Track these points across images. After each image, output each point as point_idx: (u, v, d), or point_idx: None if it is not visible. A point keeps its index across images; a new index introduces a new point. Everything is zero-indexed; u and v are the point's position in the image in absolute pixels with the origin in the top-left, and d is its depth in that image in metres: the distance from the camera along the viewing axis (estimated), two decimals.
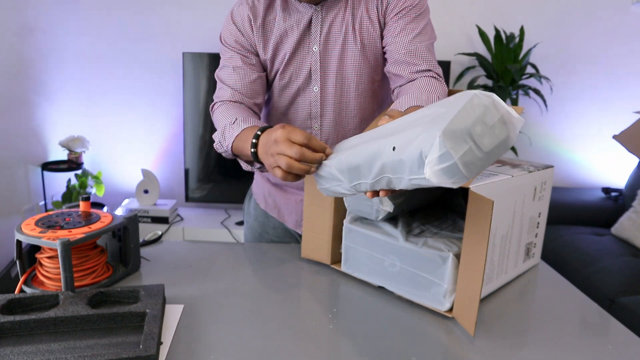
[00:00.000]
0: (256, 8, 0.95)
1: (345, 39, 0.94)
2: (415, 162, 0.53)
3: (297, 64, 0.96)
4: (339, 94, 0.97)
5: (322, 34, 0.93)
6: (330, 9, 0.93)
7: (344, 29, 0.93)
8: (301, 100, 0.99)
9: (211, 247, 1.02)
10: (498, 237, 0.77)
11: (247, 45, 0.97)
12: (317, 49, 0.94)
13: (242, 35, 0.96)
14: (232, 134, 0.86)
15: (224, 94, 0.96)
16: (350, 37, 0.93)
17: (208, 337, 0.68)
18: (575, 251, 2.03)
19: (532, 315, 0.77)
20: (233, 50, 0.97)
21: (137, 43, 2.44)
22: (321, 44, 0.94)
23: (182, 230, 2.40)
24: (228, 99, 0.95)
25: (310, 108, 0.99)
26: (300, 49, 0.95)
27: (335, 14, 0.93)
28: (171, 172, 2.64)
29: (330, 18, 0.93)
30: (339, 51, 0.94)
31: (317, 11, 0.93)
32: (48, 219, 0.82)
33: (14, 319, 0.65)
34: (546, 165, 0.90)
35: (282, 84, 0.98)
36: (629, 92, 2.56)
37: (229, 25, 0.98)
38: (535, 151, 2.63)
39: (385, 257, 0.80)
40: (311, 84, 0.97)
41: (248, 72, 0.96)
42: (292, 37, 0.94)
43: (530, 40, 2.45)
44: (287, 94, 0.99)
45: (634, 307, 1.61)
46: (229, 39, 0.97)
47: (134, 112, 2.55)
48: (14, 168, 2.26)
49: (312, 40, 0.94)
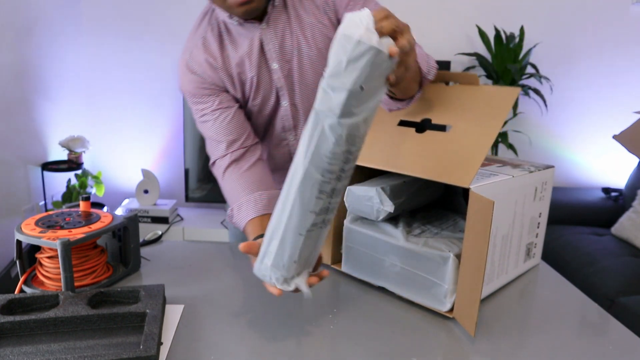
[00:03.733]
0: (210, 50, 0.94)
1: (299, 49, 0.93)
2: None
3: (264, 86, 0.96)
4: (307, 103, 0.98)
5: (276, 50, 0.93)
6: (276, 23, 0.92)
7: (295, 40, 0.93)
8: (275, 116, 1.00)
9: (211, 247, 1.01)
10: (499, 237, 0.77)
11: (214, 87, 0.96)
12: (277, 65, 0.94)
13: (206, 80, 0.95)
14: (240, 219, 0.89)
15: (217, 151, 0.96)
16: (304, 46, 0.93)
17: (208, 337, 0.68)
18: (575, 251, 2.03)
19: (532, 315, 0.77)
20: (203, 99, 0.96)
21: (138, 42, 2.44)
22: (279, 60, 0.94)
23: (182, 230, 2.40)
24: (222, 154, 0.96)
25: (283, 122, 1.00)
26: (262, 71, 0.94)
27: (282, 28, 0.92)
28: (171, 172, 2.64)
29: (279, 33, 0.92)
30: (297, 62, 0.94)
31: (264, 30, 0.92)
32: (48, 219, 0.82)
33: (14, 319, 0.65)
34: (547, 165, 0.90)
35: (257, 108, 0.99)
36: (629, 92, 2.56)
37: (188, 77, 0.96)
38: (536, 151, 2.64)
39: (385, 257, 0.80)
40: (280, 100, 0.98)
41: (226, 112, 0.95)
42: (251, 62, 0.93)
43: (530, 40, 2.45)
44: (263, 114, 1.00)
45: (634, 307, 1.61)
46: (195, 90, 0.96)
47: (134, 112, 2.55)
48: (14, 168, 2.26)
49: (269, 59, 0.94)
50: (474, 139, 0.72)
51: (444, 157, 0.72)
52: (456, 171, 0.70)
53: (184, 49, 0.97)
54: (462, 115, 0.77)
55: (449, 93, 0.82)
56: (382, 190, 0.78)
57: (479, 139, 0.72)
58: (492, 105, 0.76)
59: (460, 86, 0.82)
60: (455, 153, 0.72)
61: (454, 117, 0.77)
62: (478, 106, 0.77)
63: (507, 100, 0.75)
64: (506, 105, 0.75)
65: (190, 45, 0.96)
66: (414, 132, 0.79)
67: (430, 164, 0.73)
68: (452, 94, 0.81)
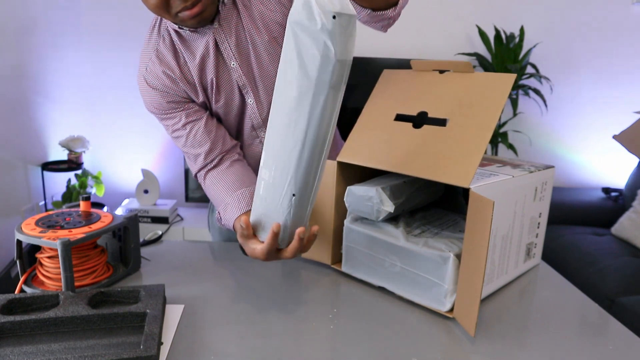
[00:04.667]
0: (165, 61, 0.93)
1: (254, 43, 0.91)
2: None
3: (226, 87, 0.94)
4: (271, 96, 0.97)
5: (232, 47, 0.91)
6: (227, 22, 0.90)
7: (248, 34, 0.91)
8: (243, 115, 0.99)
9: (211, 247, 1.02)
10: (499, 237, 0.77)
11: (179, 99, 0.95)
12: (235, 64, 0.92)
13: (169, 94, 0.94)
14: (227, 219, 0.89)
15: (196, 164, 0.97)
16: (257, 39, 0.91)
17: (209, 337, 0.68)
18: (575, 251, 2.03)
19: (532, 315, 0.77)
20: (170, 114, 0.95)
21: (138, 42, 2.44)
22: (237, 58, 0.92)
23: (182, 230, 2.40)
24: (201, 166, 0.96)
25: (252, 120, 0.99)
26: (221, 72, 0.93)
27: (235, 24, 0.90)
28: (171, 172, 2.64)
29: (232, 30, 0.90)
30: (255, 56, 0.92)
31: (217, 30, 0.90)
32: (48, 219, 0.82)
33: (14, 319, 0.65)
34: (547, 165, 0.90)
35: (222, 110, 0.97)
36: (629, 92, 2.56)
37: (149, 93, 0.94)
38: (536, 151, 2.64)
39: (385, 257, 0.80)
40: (245, 98, 0.96)
41: (197, 125, 0.95)
42: (209, 66, 0.92)
43: (530, 40, 2.45)
44: (231, 115, 0.98)
45: (634, 307, 1.61)
46: (160, 106, 0.95)
47: (134, 112, 2.55)
48: (14, 168, 2.26)
49: (226, 58, 0.92)
50: (472, 133, 0.72)
51: (443, 155, 0.72)
52: (456, 170, 0.70)
53: (140, 66, 0.95)
54: (459, 107, 0.76)
55: (444, 82, 0.81)
56: (382, 190, 0.78)
57: (477, 132, 0.72)
58: (489, 94, 0.75)
59: (454, 74, 0.81)
60: (453, 150, 0.72)
61: (450, 109, 0.77)
62: (474, 96, 0.76)
63: (504, 89, 0.74)
64: (503, 94, 0.74)
65: (145, 59, 0.94)
66: (411, 127, 0.79)
67: (429, 162, 0.73)
68: (446, 83, 0.81)
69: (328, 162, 0.85)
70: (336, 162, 0.84)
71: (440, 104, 0.78)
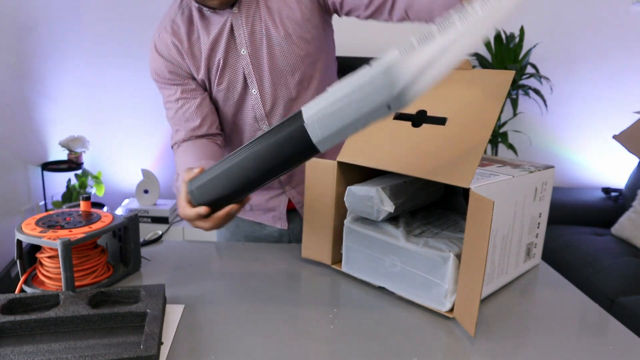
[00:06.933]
0: (178, 33, 0.95)
1: (268, 35, 0.93)
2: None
3: (231, 71, 0.95)
4: (278, 90, 0.97)
5: (246, 35, 0.93)
6: (247, 9, 0.92)
7: (264, 26, 0.93)
8: (244, 105, 0.99)
9: (211, 247, 1.02)
10: (499, 237, 0.77)
11: (181, 72, 0.96)
12: (245, 52, 0.94)
13: (172, 64, 0.96)
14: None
15: (177, 136, 0.98)
16: (272, 32, 0.93)
17: (209, 337, 0.68)
18: (575, 251, 2.03)
19: (532, 315, 0.77)
20: (168, 85, 0.97)
21: (137, 42, 2.44)
22: (248, 46, 0.93)
23: (182, 230, 2.40)
24: (181, 139, 0.97)
25: (254, 111, 0.99)
26: (230, 56, 0.94)
27: (253, 13, 0.93)
28: (171, 172, 2.64)
29: (250, 19, 0.92)
30: (267, 48, 0.94)
31: (235, 14, 0.92)
32: (48, 219, 0.82)
33: (15, 319, 0.65)
34: (547, 165, 0.90)
35: (223, 94, 0.98)
36: (629, 92, 2.57)
37: (156, 59, 0.97)
38: (536, 151, 2.64)
39: (385, 257, 0.80)
40: (249, 87, 0.97)
41: (189, 102, 0.96)
42: (219, 47, 0.94)
43: (530, 40, 2.45)
44: (230, 102, 0.99)
45: (634, 307, 1.61)
46: (161, 73, 0.97)
47: (134, 112, 2.55)
48: (14, 168, 2.26)
49: (238, 44, 0.93)
50: (472, 132, 0.72)
51: (443, 155, 0.72)
52: (456, 170, 0.70)
53: (155, 31, 0.98)
54: (458, 105, 0.76)
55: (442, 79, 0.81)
56: (382, 190, 0.78)
57: (477, 131, 0.71)
58: (488, 91, 0.75)
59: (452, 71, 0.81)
60: (453, 149, 0.72)
61: (449, 107, 0.77)
62: (473, 93, 0.76)
63: (503, 85, 0.74)
64: (502, 91, 0.73)
65: (161, 27, 0.97)
66: (410, 126, 0.79)
67: (429, 162, 0.73)
68: (445, 81, 0.81)
69: (328, 162, 0.85)
70: (336, 162, 0.84)
71: (439, 102, 0.78)
